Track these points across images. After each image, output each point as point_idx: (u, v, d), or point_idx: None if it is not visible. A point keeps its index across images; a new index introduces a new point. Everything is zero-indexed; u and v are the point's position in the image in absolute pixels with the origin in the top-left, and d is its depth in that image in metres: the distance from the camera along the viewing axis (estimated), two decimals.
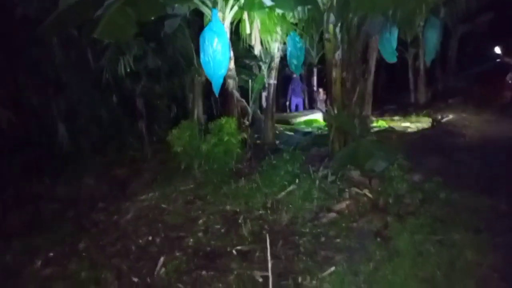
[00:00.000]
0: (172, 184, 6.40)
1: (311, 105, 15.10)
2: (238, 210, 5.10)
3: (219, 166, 6.71)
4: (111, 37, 5.77)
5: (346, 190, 5.08)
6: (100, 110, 8.90)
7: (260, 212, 5.00)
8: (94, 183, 7.92)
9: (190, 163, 6.97)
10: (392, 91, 15.12)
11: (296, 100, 14.02)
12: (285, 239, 4.36)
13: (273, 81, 9.89)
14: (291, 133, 11.28)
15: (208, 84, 8.32)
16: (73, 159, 8.73)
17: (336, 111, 6.52)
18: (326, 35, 6.35)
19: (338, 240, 4.17)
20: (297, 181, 5.41)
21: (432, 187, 5.00)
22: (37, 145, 8.38)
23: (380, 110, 12.86)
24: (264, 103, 11.28)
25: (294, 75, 12.99)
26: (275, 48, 9.49)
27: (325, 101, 11.56)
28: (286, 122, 12.29)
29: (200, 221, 4.91)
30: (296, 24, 8.78)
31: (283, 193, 5.31)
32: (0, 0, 7.64)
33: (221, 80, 7.02)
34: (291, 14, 7.81)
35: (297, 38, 9.67)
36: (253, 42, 8.19)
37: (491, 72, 11.73)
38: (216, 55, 6.80)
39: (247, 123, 8.91)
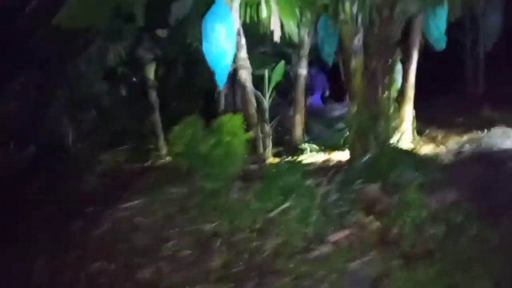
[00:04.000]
0: (164, 190, 5.66)
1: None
2: (219, 230, 4.24)
3: (220, 170, 5.88)
4: (76, 23, 5.03)
5: (352, 212, 4.03)
6: (110, 104, 8.35)
7: (244, 235, 4.11)
8: (98, 182, 7.39)
9: (191, 165, 6.23)
10: (451, 80, 13.40)
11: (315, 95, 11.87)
12: (261, 277, 3.44)
13: (302, 70, 8.85)
14: (326, 128, 10.16)
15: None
16: (82, 155, 8.29)
17: (355, 109, 5.43)
18: (342, 16, 5.24)
19: (323, 287, 3.18)
20: (295, 196, 4.44)
21: (465, 212, 3.83)
22: (42, 140, 8.02)
23: (434, 102, 11.38)
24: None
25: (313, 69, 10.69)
26: (305, 34, 8.44)
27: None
28: (322, 115, 11.11)
29: (170, 244, 4.11)
30: (326, 6, 7.64)
31: (276, 211, 4.37)
32: None
33: (226, 71, 6.17)
34: None
35: (330, 22, 8.49)
36: (272, 27, 7.18)
37: None
38: (219, 42, 5.92)
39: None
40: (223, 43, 5.89)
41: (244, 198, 4.77)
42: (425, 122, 8.47)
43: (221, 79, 6.11)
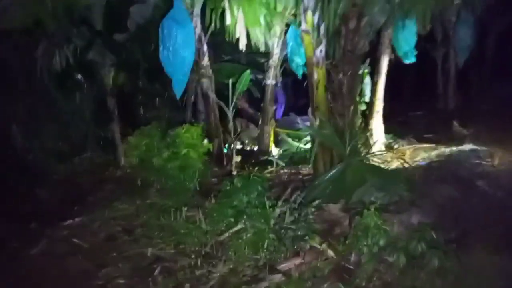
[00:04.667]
0: (113, 206, 5.24)
1: None
2: (161, 255, 3.83)
3: (175, 185, 5.49)
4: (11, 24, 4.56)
5: (306, 238, 3.67)
6: (68, 111, 7.83)
7: (189, 261, 3.71)
8: (48, 196, 6.85)
9: (146, 178, 5.82)
10: (422, 95, 13.35)
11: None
12: None
13: (270, 81, 8.52)
14: (295, 140, 9.84)
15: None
16: (32, 167, 7.73)
17: (318, 122, 5.11)
18: (303, 26, 4.94)
19: None
20: (248, 217, 4.06)
21: (428, 239, 3.52)
22: None
23: (404, 116, 11.23)
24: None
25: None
26: (275, 43, 8.12)
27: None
28: (292, 127, 10.80)
29: (105, 270, 3.67)
30: (295, 15, 7.36)
31: (227, 234, 3.99)
32: None
33: (184, 79, 5.80)
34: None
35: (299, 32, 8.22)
36: (237, 35, 6.85)
37: None
38: (177, 49, 5.55)
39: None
40: (180, 49, 5.53)
41: (194, 218, 4.37)
42: (394, 137, 8.25)
43: (179, 88, 5.74)
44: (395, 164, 6.52)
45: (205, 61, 6.37)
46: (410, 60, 7.58)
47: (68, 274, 3.72)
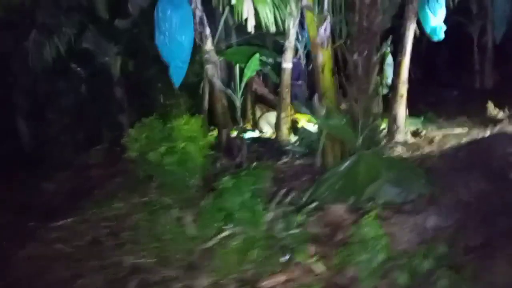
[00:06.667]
0: (107, 204, 4.95)
1: None
2: (142, 265, 3.48)
3: (176, 181, 5.14)
4: None
5: (300, 247, 3.20)
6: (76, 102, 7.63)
7: (170, 271, 3.34)
8: (55, 191, 6.71)
9: (148, 173, 5.51)
10: (456, 73, 12.40)
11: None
12: None
13: (287, 64, 7.96)
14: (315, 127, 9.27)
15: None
16: (43, 158, 7.63)
17: (325, 111, 4.59)
18: (304, 1, 4.38)
19: None
20: (238, 222, 3.64)
21: (440, 249, 2.98)
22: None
23: (437, 97, 10.41)
24: None
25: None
26: (290, 23, 7.55)
27: None
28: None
29: (80, 282, 3.36)
30: None
31: (214, 240, 3.59)
32: None
33: (183, 67, 5.37)
34: None
35: None
36: (245, 16, 6.33)
37: None
38: (174, 34, 5.13)
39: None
40: (177, 33, 5.11)
41: (183, 221, 3.99)
42: (423, 121, 7.58)
43: (178, 76, 5.33)
44: (419, 154, 5.90)
45: (209, 45, 5.91)
46: (438, 37, 6.82)
47: (43, 283, 3.44)
